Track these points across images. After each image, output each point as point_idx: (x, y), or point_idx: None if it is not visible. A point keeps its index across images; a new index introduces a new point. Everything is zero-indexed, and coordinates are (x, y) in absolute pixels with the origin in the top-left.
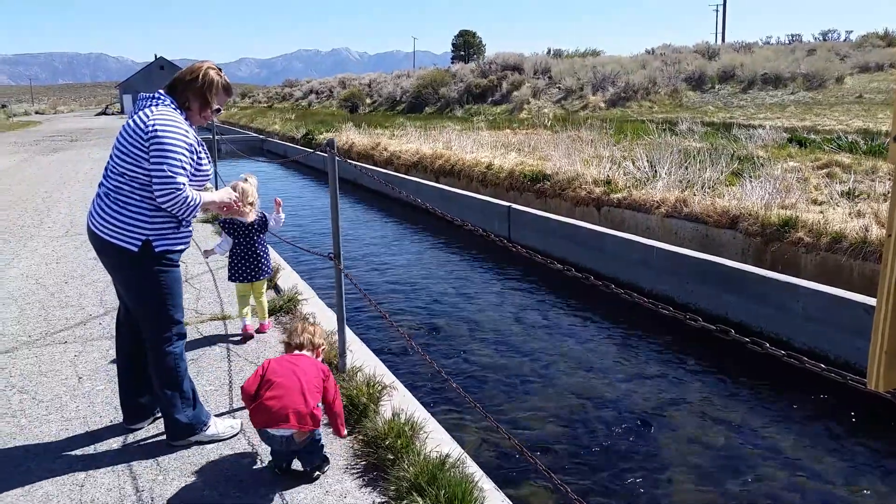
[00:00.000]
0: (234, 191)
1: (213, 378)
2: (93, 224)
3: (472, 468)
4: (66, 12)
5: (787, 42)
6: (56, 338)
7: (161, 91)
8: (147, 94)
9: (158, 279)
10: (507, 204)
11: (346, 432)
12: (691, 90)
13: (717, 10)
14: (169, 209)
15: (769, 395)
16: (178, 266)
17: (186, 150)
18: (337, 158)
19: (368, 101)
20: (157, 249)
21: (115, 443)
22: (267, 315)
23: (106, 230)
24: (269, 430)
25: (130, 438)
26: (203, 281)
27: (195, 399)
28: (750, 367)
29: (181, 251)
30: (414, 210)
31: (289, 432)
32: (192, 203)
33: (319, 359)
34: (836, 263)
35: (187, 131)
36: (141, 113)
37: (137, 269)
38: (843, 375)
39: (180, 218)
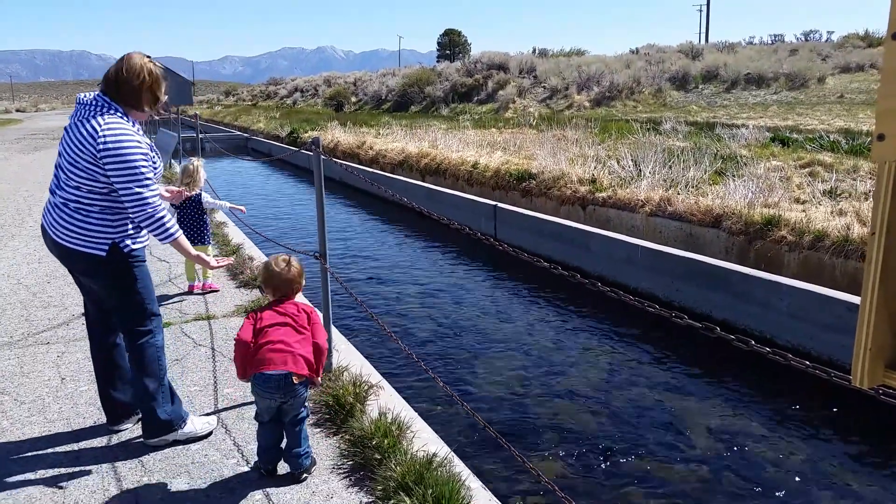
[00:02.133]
0: (185, 172)
1: (197, 378)
2: (55, 234)
3: (460, 467)
4: (48, 9)
5: (769, 42)
6: (38, 338)
7: (101, 94)
8: (87, 100)
9: (131, 276)
10: (493, 203)
11: (320, 377)
12: (675, 90)
13: (700, 10)
14: (145, 227)
15: (755, 391)
16: (146, 261)
17: (144, 158)
18: (322, 157)
19: (354, 99)
20: (124, 250)
21: (98, 444)
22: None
23: (70, 239)
24: (266, 371)
25: (114, 439)
26: (187, 281)
27: (173, 394)
28: (736, 364)
29: (145, 246)
30: (400, 208)
31: (284, 372)
32: (168, 229)
33: (299, 296)
34: (819, 261)
35: (140, 140)
36: (88, 124)
37: (109, 271)
38: (827, 372)
39: (155, 237)
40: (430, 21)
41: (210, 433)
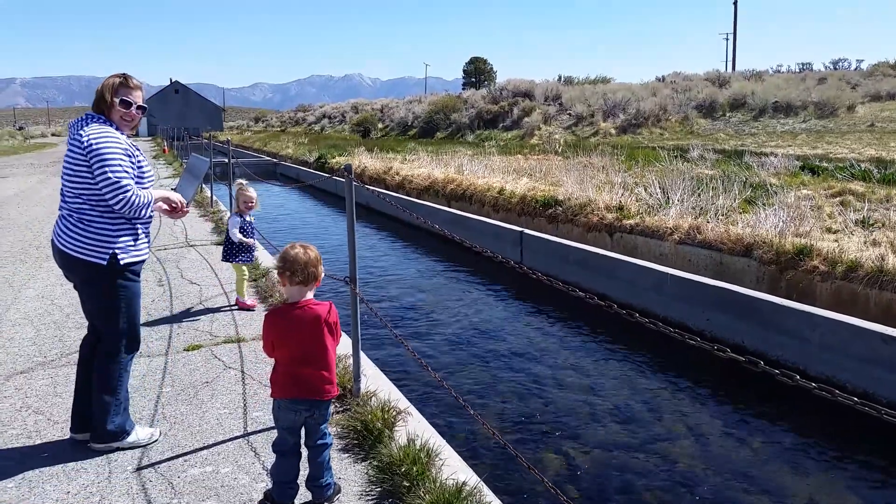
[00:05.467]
0: (241, 193)
1: (227, 401)
2: (60, 243)
3: (490, 496)
4: (85, 36)
5: (797, 70)
6: (71, 358)
7: (89, 112)
8: (76, 119)
9: (121, 292)
10: (520, 229)
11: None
12: (702, 117)
13: (727, 39)
14: (124, 212)
15: (779, 421)
16: (140, 281)
17: (123, 154)
18: (354, 183)
19: (380, 125)
20: (122, 262)
21: (129, 465)
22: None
23: (74, 247)
24: (293, 401)
25: (145, 460)
26: (217, 303)
27: (125, 408)
28: (761, 394)
29: (142, 262)
30: (426, 234)
31: (312, 400)
32: (144, 202)
33: (317, 286)
34: (852, 292)
35: (119, 138)
36: (76, 135)
37: (105, 282)
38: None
39: (137, 217)
40: (456, 49)
41: (154, 441)
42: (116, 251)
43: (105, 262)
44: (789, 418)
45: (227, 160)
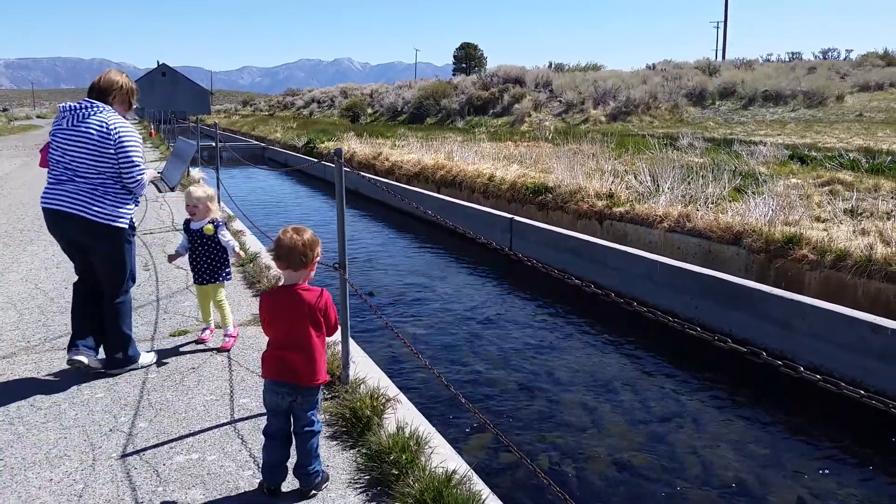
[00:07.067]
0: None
1: (214, 388)
2: (83, 213)
3: (479, 485)
4: (71, 18)
5: (787, 60)
6: (55, 344)
7: (88, 100)
8: (77, 104)
9: (131, 247)
10: (509, 216)
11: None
12: (692, 106)
13: (717, 27)
14: (133, 187)
15: (775, 412)
16: None
17: (139, 142)
18: (345, 169)
19: (370, 111)
20: (132, 223)
21: (114, 453)
22: (230, 322)
23: (104, 216)
24: (276, 383)
25: (130, 448)
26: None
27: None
28: (742, 381)
29: None
30: (416, 220)
31: (294, 385)
32: (147, 179)
33: (313, 272)
34: (841, 281)
35: (135, 130)
36: (92, 120)
37: (124, 241)
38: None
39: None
40: (447, 35)
41: (153, 363)
42: (132, 215)
43: (128, 225)
44: (772, 405)
45: (214, 144)
